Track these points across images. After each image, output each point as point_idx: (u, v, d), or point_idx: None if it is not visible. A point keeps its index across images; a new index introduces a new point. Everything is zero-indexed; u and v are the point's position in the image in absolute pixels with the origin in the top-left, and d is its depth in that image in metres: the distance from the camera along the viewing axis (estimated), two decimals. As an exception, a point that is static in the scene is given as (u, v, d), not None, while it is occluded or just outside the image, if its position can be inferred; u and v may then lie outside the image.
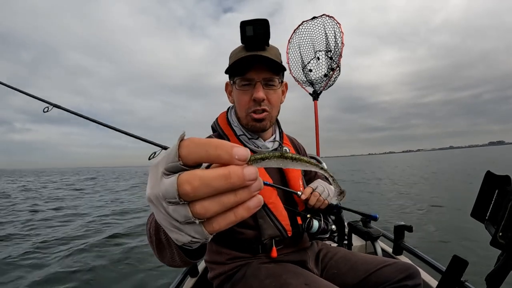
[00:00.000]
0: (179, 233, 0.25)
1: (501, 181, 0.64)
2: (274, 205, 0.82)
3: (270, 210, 0.81)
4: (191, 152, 0.22)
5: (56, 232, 4.78)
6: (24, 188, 14.80)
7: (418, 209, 5.95)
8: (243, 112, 0.83)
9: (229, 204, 0.22)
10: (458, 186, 9.43)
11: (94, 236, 4.53)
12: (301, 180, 0.94)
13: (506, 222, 0.58)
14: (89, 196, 10.81)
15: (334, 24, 2.32)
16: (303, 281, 0.73)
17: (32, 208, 7.53)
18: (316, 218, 0.87)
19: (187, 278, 1.29)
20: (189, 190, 0.21)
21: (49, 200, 9.34)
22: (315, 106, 2.45)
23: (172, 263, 0.40)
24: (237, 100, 0.84)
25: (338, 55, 2.29)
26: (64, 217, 6.25)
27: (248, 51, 0.78)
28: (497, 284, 0.62)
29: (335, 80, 2.41)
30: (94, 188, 14.57)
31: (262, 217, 0.81)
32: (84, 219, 5.95)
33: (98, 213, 6.55)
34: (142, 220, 5.64)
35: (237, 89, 0.82)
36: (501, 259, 0.61)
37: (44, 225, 5.47)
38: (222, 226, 0.23)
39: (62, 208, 7.58)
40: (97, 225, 5.33)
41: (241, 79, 0.80)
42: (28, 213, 6.81)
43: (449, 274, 0.82)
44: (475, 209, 0.71)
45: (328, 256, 0.94)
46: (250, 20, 0.76)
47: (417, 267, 0.87)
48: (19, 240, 4.38)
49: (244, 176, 0.21)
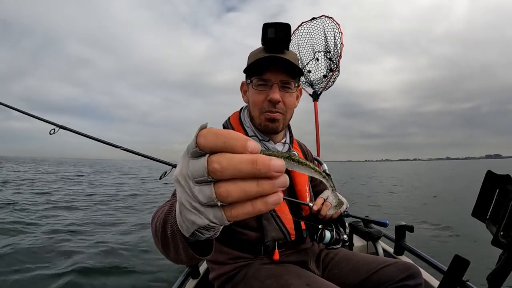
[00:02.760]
0: (198, 215, 0.26)
1: (501, 180, 0.65)
2: (280, 208, 0.82)
3: (276, 212, 0.81)
4: (208, 141, 0.23)
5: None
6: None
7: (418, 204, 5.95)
8: (257, 111, 0.83)
9: (250, 192, 0.23)
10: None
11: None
12: (308, 186, 0.93)
13: (507, 221, 0.58)
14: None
15: (333, 24, 2.32)
16: (305, 282, 0.73)
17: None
18: (328, 229, 0.86)
19: (189, 280, 1.28)
20: (217, 168, 0.22)
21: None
22: (315, 107, 2.45)
23: (176, 258, 0.40)
24: (252, 100, 0.84)
25: (338, 56, 2.30)
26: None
27: (267, 52, 0.79)
28: (499, 283, 0.62)
29: (334, 81, 2.41)
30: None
31: (267, 218, 0.81)
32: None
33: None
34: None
35: (253, 88, 0.82)
36: (502, 258, 0.61)
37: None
38: (239, 215, 0.24)
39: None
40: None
41: (258, 79, 0.81)
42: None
43: (450, 273, 0.82)
44: (476, 208, 0.71)
45: (329, 257, 0.94)
46: (273, 23, 0.78)
47: (418, 267, 0.87)
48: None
49: (270, 165, 0.22)
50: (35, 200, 7.29)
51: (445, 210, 6.65)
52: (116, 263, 3.42)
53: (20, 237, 4.04)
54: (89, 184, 12.18)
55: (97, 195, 8.65)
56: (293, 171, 0.89)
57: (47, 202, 7.04)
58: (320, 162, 1.92)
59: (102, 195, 8.69)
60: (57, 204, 6.87)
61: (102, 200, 7.75)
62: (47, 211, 6.02)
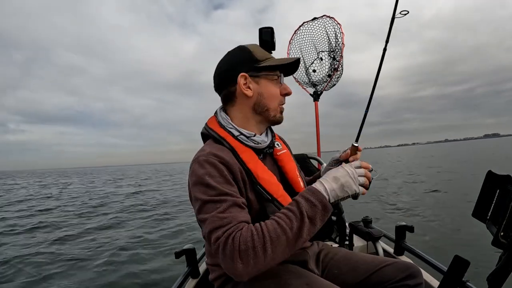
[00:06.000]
0: (356, 186, 0.71)
1: (502, 181, 0.64)
2: (283, 198, 0.80)
3: (280, 203, 0.78)
4: (363, 165, 0.76)
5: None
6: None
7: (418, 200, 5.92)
8: (276, 103, 0.86)
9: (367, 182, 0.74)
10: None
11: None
12: (298, 172, 0.93)
13: (507, 222, 0.58)
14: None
15: (335, 24, 2.32)
16: (304, 282, 0.73)
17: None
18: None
19: (188, 280, 1.29)
20: (366, 171, 0.74)
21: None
22: (315, 107, 2.45)
23: (305, 240, 0.65)
24: (270, 92, 0.85)
25: (340, 55, 2.30)
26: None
27: (267, 51, 0.89)
28: (499, 284, 0.62)
29: (338, 79, 2.41)
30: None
31: (273, 212, 0.77)
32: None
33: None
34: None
35: (271, 81, 0.85)
36: (502, 259, 0.61)
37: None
38: (366, 188, 0.74)
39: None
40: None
41: (275, 74, 0.86)
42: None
43: (450, 274, 0.81)
44: (477, 209, 0.71)
45: (328, 257, 0.93)
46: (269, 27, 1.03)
47: (418, 266, 0.87)
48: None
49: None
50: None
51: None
52: (116, 262, 3.43)
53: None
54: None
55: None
56: (282, 162, 0.89)
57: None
58: (320, 162, 1.92)
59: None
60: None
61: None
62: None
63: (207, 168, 0.71)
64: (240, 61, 0.83)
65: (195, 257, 1.32)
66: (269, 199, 0.77)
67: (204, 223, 0.68)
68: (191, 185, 0.73)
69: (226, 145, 0.79)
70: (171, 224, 5.77)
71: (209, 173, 0.70)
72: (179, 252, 1.26)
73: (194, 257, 1.30)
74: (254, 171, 0.78)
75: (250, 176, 0.77)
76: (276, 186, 0.80)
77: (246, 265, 0.61)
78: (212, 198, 0.68)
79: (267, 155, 0.89)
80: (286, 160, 0.91)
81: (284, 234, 0.63)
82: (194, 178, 0.72)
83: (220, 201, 0.67)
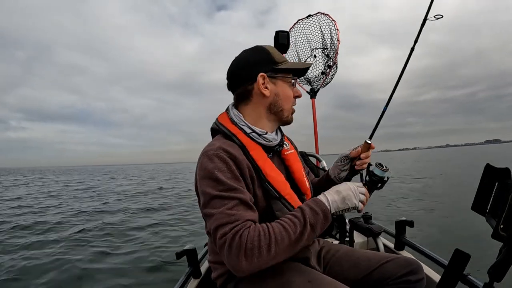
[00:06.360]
0: (357, 201, 0.77)
1: (501, 174, 0.65)
2: (290, 196, 0.80)
3: (287, 201, 0.79)
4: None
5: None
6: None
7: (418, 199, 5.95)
8: (289, 104, 0.90)
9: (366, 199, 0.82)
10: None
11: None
12: (304, 171, 0.94)
13: (506, 215, 0.58)
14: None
15: (329, 21, 2.32)
16: (306, 279, 0.73)
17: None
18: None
19: (190, 280, 1.28)
20: (366, 192, 0.82)
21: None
22: (313, 104, 2.45)
23: (306, 243, 0.70)
24: (286, 93, 0.88)
25: (335, 52, 2.29)
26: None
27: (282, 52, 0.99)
28: (500, 276, 0.62)
29: (332, 77, 2.41)
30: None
31: (280, 209, 0.78)
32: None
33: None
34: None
35: (286, 82, 0.88)
36: (503, 252, 0.61)
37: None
38: (364, 204, 0.81)
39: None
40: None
41: (291, 78, 0.89)
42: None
43: (451, 268, 0.82)
44: (476, 202, 0.71)
45: (330, 253, 0.94)
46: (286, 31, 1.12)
47: (419, 261, 0.87)
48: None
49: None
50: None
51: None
52: (116, 263, 3.42)
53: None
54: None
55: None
56: (289, 161, 0.90)
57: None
58: (319, 159, 1.92)
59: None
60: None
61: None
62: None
63: (216, 162, 0.72)
64: (259, 61, 0.84)
65: (196, 257, 1.31)
66: (276, 196, 0.78)
67: (211, 218, 0.68)
68: (199, 178, 0.74)
69: (237, 141, 0.80)
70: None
71: (218, 168, 0.71)
72: (180, 253, 1.26)
73: (195, 257, 1.30)
74: (263, 168, 0.78)
75: (258, 173, 0.78)
76: (283, 184, 0.81)
77: (250, 263, 0.63)
78: (220, 193, 0.68)
79: (275, 154, 0.90)
80: (293, 160, 0.93)
81: (288, 237, 0.66)
82: (203, 172, 0.73)
83: (229, 197, 0.68)
